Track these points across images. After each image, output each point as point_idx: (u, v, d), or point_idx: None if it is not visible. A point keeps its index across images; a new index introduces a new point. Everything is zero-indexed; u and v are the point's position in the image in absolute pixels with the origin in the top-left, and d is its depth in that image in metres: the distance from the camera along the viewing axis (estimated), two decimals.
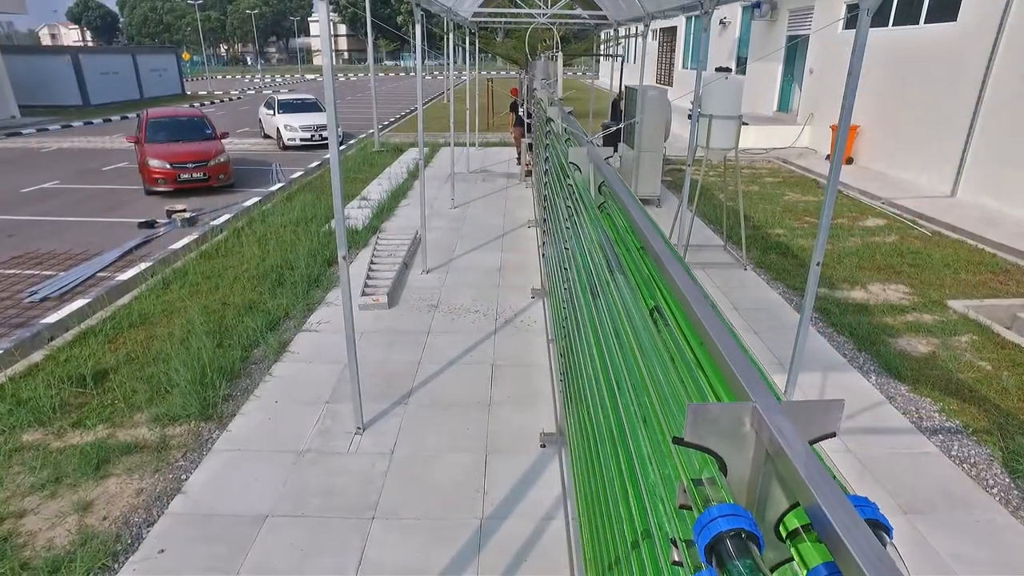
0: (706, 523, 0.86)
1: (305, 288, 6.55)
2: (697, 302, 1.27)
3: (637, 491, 1.48)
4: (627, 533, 1.63)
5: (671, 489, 1.24)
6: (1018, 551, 3.23)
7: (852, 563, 0.68)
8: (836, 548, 0.72)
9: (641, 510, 1.46)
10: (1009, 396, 4.65)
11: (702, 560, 0.88)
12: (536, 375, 4.87)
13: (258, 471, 3.85)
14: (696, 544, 0.88)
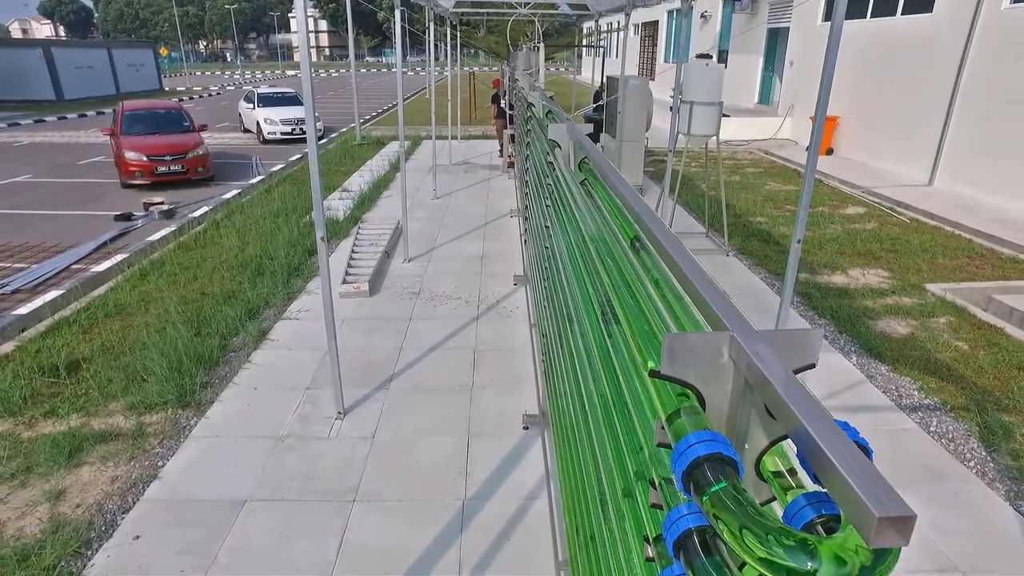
0: (684, 450, 0.84)
1: (285, 277, 6.47)
2: (667, 239, 1.24)
3: (618, 453, 1.45)
4: (611, 487, 1.61)
5: (648, 432, 1.21)
6: (993, 521, 3.27)
7: (844, 485, 0.65)
8: (824, 470, 0.69)
9: (620, 467, 1.44)
10: (985, 374, 4.71)
11: (680, 489, 0.85)
12: (518, 360, 4.84)
13: (236, 457, 3.79)
14: (674, 474, 0.86)
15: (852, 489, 0.62)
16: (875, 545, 0.60)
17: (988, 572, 2.96)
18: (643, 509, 1.18)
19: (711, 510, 0.77)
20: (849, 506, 0.63)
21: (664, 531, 0.92)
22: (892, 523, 0.60)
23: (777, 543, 0.69)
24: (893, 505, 0.59)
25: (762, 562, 0.69)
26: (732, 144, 14.60)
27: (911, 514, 0.59)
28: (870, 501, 0.60)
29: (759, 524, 0.71)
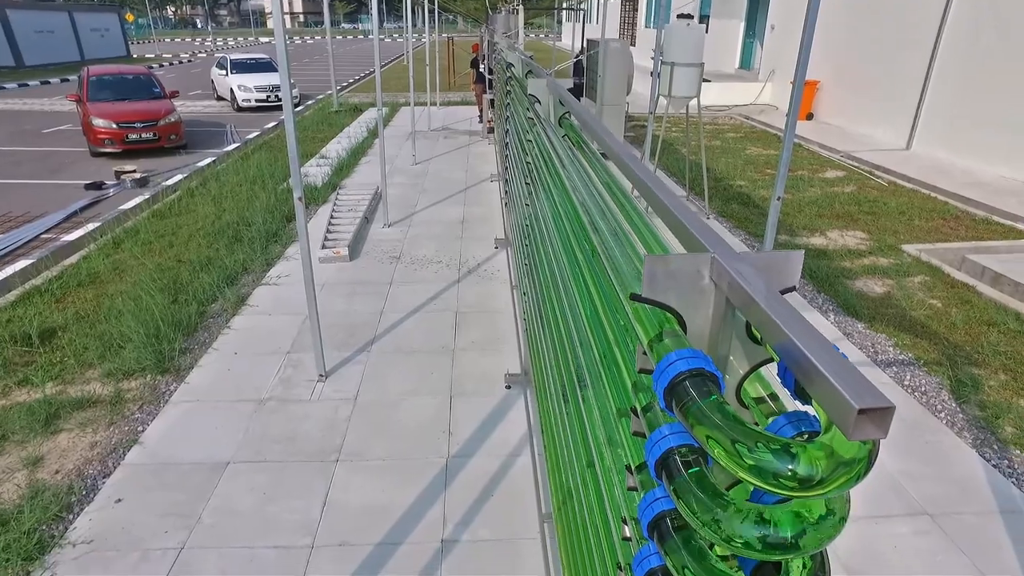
0: (665, 368, 0.84)
1: (264, 244, 6.37)
2: (648, 176, 1.23)
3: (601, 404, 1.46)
4: (592, 439, 1.62)
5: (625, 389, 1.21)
6: (960, 467, 3.37)
7: (825, 383, 0.64)
8: (807, 373, 0.69)
9: (604, 414, 1.44)
10: (957, 330, 4.81)
11: (661, 406, 0.85)
12: (500, 321, 4.84)
13: (218, 420, 3.76)
14: (656, 392, 0.86)
15: (832, 386, 0.62)
16: (855, 438, 0.60)
17: (954, 514, 3.06)
18: (625, 441, 1.19)
19: (694, 424, 0.77)
20: (830, 403, 0.63)
21: (646, 453, 0.92)
22: (871, 416, 0.61)
23: (763, 449, 0.69)
24: (871, 397, 0.59)
25: (750, 469, 0.70)
26: (713, 109, 14.56)
27: (889, 405, 0.59)
28: (850, 395, 0.60)
29: (744, 433, 0.72)
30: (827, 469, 0.67)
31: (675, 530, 0.90)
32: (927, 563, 2.80)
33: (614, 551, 1.27)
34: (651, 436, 0.91)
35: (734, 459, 0.70)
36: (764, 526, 0.73)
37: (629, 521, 1.14)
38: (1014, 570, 2.77)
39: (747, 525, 0.73)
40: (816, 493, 0.66)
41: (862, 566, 2.78)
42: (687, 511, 0.79)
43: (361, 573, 2.75)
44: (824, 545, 0.74)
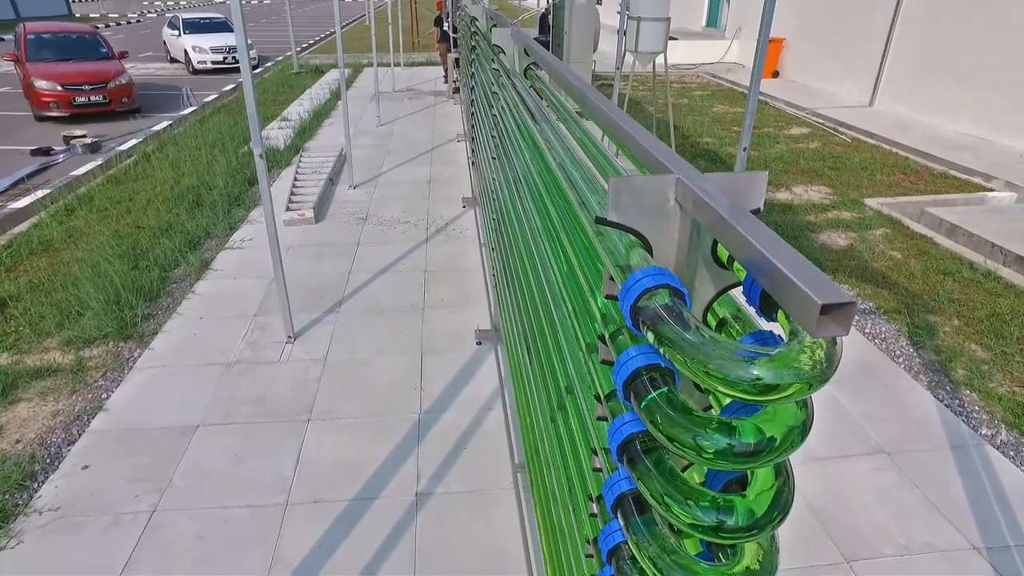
0: (631, 286, 0.83)
1: (226, 208, 6.20)
2: (609, 107, 1.21)
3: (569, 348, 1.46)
4: (561, 378, 1.62)
5: None
6: (917, 408, 3.50)
7: (789, 284, 0.64)
8: (772, 279, 0.68)
9: (575, 354, 1.45)
10: (915, 280, 4.95)
11: (628, 324, 0.85)
12: (470, 279, 4.82)
13: (185, 385, 3.70)
14: (622, 310, 0.85)
15: (797, 286, 0.62)
16: (819, 334, 0.60)
17: (909, 452, 3.19)
18: (595, 371, 1.20)
19: (661, 341, 0.77)
20: (796, 305, 0.63)
21: (614, 377, 0.92)
22: (833, 315, 0.61)
23: (729, 359, 0.70)
24: (834, 294, 0.60)
25: (718, 378, 0.70)
26: (680, 68, 14.49)
27: (850, 300, 0.59)
28: (814, 292, 0.60)
29: (711, 343, 0.72)
30: (788, 380, 0.67)
31: (644, 452, 0.91)
32: (883, 498, 2.93)
33: (585, 485, 1.29)
34: (618, 359, 0.91)
35: (701, 371, 0.71)
36: (731, 435, 0.74)
37: (599, 451, 1.15)
38: (960, 499, 2.91)
39: (714, 435, 0.74)
40: (778, 397, 0.67)
41: (823, 503, 2.89)
42: (656, 428, 0.80)
43: (336, 528, 2.76)
44: (786, 455, 0.75)
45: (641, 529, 0.94)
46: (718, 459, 0.74)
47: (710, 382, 0.69)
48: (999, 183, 7.23)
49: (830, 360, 0.67)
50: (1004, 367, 3.89)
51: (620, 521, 0.99)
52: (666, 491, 0.84)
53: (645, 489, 0.87)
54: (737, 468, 0.75)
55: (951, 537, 2.73)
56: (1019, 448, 3.25)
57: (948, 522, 2.80)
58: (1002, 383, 3.74)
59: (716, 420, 0.75)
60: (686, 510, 0.82)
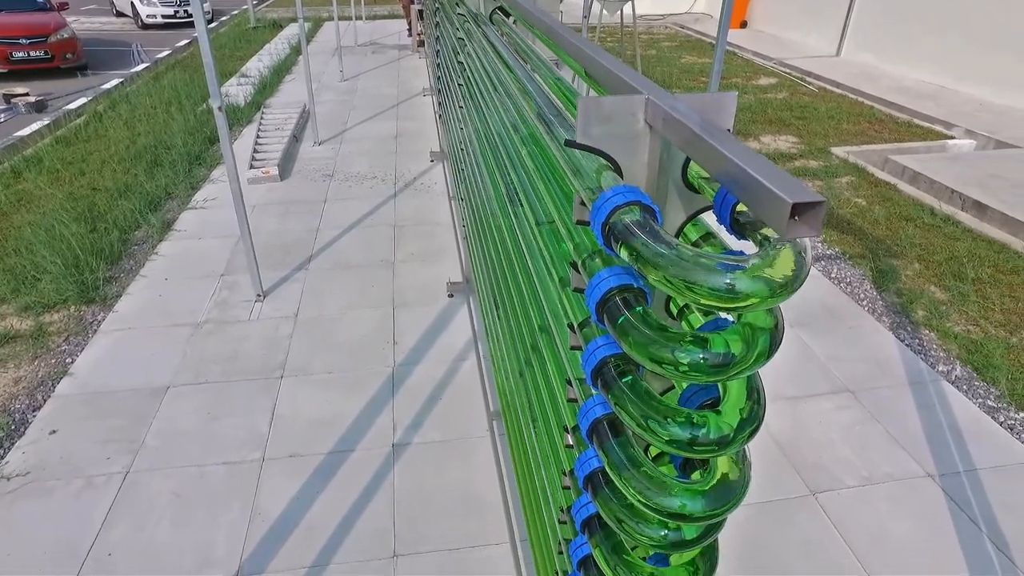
0: (601, 205, 0.82)
1: (187, 167, 6.00)
2: (572, 35, 1.18)
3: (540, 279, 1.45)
4: (535, 318, 1.62)
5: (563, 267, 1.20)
6: (879, 348, 3.62)
7: (761, 189, 0.64)
8: (750, 193, 0.68)
9: (546, 289, 1.44)
10: (879, 226, 5.05)
11: (600, 244, 0.85)
12: (440, 232, 4.78)
13: (153, 346, 3.63)
14: (593, 230, 0.85)
15: (768, 189, 0.62)
16: (790, 235, 0.61)
17: (872, 389, 3.31)
18: (567, 303, 1.20)
19: (635, 261, 0.77)
20: (768, 209, 0.63)
21: (587, 300, 0.92)
22: (804, 217, 0.61)
23: (704, 268, 0.69)
24: (804, 194, 0.60)
25: (693, 288, 0.70)
26: (648, 19, 14.30)
27: (819, 199, 0.59)
28: (784, 193, 0.60)
29: (687, 256, 0.71)
30: (760, 287, 0.68)
31: (619, 375, 0.92)
32: (847, 433, 3.04)
33: (560, 416, 1.31)
34: (590, 282, 0.90)
35: (675, 281, 0.71)
36: (705, 347, 0.74)
37: (573, 382, 1.16)
38: (917, 431, 3.04)
39: (689, 347, 0.74)
40: (747, 304, 0.67)
41: (790, 440, 2.99)
42: (631, 347, 0.80)
43: (314, 481, 2.77)
44: (756, 366, 0.76)
45: (616, 452, 0.95)
46: (693, 372, 0.75)
47: (685, 292, 0.69)
48: (959, 131, 7.36)
49: (799, 268, 0.67)
50: (960, 307, 4.02)
51: (595, 447, 1.00)
52: (642, 411, 0.85)
53: (621, 411, 0.88)
54: (712, 380, 0.75)
55: (908, 466, 2.86)
56: (971, 382, 3.39)
57: (906, 452, 2.92)
58: (958, 322, 3.88)
59: (690, 334, 0.75)
60: (663, 428, 0.83)
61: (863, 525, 2.59)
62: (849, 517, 2.62)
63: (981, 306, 4.03)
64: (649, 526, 0.98)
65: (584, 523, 1.15)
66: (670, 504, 0.88)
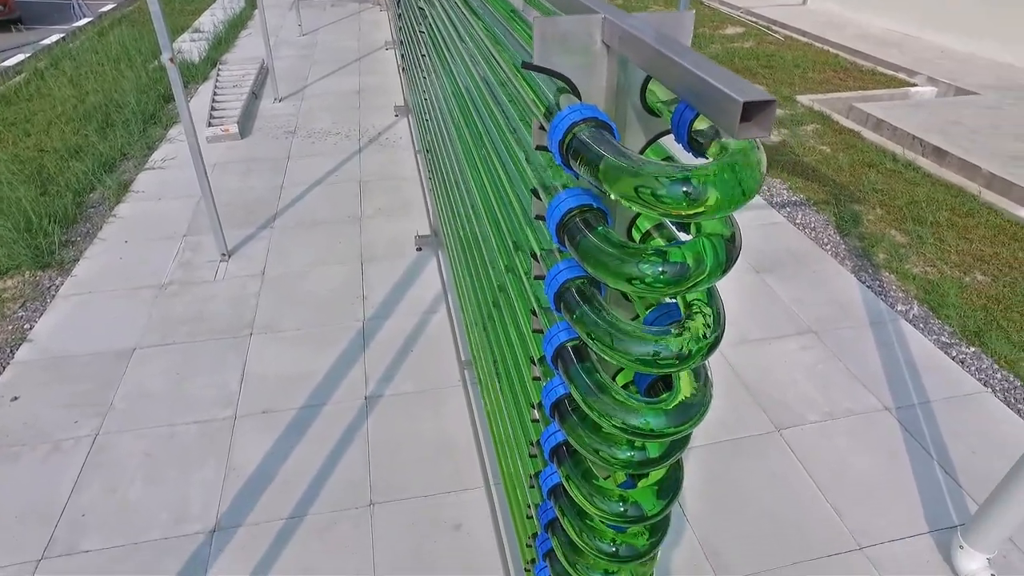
0: (558, 123, 0.82)
1: (141, 127, 5.78)
2: None
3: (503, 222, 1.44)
4: (500, 258, 1.62)
5: None
6: (842, 291, 3.71)
7: (714, 91, 0.63)
8: (704, 98, 0.67)
9: (511, 222, 1.44)
10: (843, 172, 5.12)
11: (559, 162, 0.84)
12: (406, 187, 4.72)
13: (116, 309, 3.55)
14: (551, 148, 0.84)
15: (721, 91, 0.62)
16: (741, 136, 0.61)
17: (835, 329, 3.40)
18: (528, 232, 1.19)
19: (592, 174, 0.76)
20: (721, 111, 0.62)
21: (548, 222, 0.92)
22: (756, 120, 0.61)
23: (661, 177, 0.69)
24: (755, 93, 0.60)
25: (653, 196, 0.70)
26: None
27: (770, 99, 0.59)
28: (735, 93, 0.60)
29: (643, 164, 0.71)
30: (715, 195, 0.68)
31: (582, 299, 0.92)
32: (810, 372, 3.13)
33: (527, 349, 1.32)
34: (550, 204, 0.90)
35: (631, 189, 0.70)
36: (665, 260, 0.75)
37: (539, 312, 1.16)
38: (876, 368, 3.15)
39: (651, 258, 0.75)
40: (702, 210, 0.68)
41: (756, 380, 3.08)
42: (594, 265, 0.80)
43: (288, 436, 2.77)
44: (714, 278, 0.77)
45: (581, 376, 0.97)
46: (656, 285, 0.75)
47: (640, 200, 0.69)
48: (922, 78, 7.44)
49: (752, 171, 0.68)
50: (919, 250, 4.13)
51: (561, 373, 1.02)
52: (605, 331, 0.86)
53: (585, 333, 0.89)
54: (673, 292, 0.76)
55: (867, 401, 2.97)
56: (927, 321, 3.51)
57: (866, 389, 3.03)
58: (916, 264, 3.99)
59: (651, 248, 0.76)
60: (626, 346, 0.84)
61: (825, 457, 2.69)
62: (812, 450, 2.72)
63: (938, 248, 4.14)
64: (617, 447, 1.01)
65: (552, 451, 1.17)
66: (635, 422, 0.90)
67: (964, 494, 2.55)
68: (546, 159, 1.06)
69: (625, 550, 1.18)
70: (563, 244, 0.89)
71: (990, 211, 4.55)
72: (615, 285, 0.79)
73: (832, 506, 2.50)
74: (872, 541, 2.38)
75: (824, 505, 2.50)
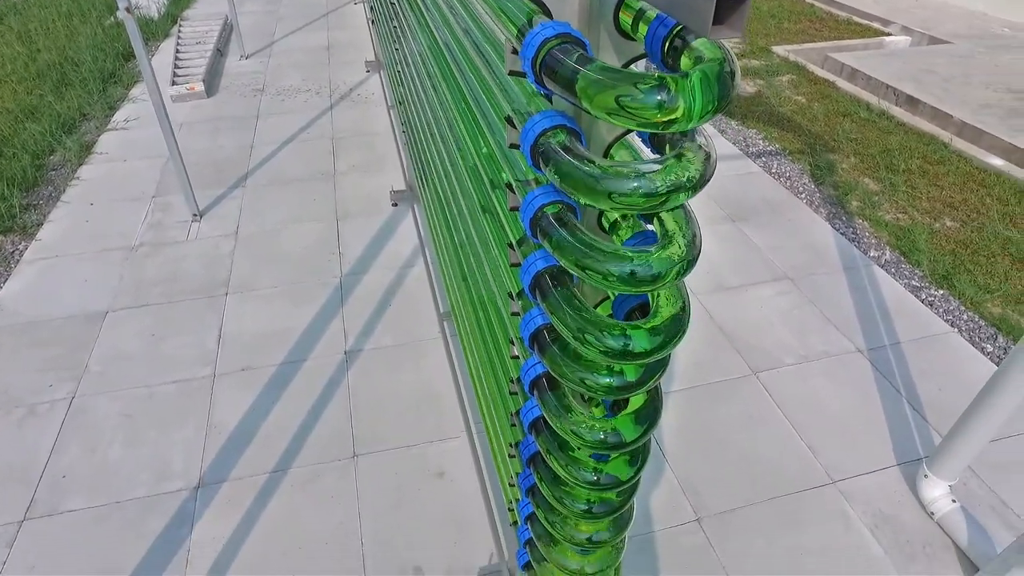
0: (531, 40, 0.80)
1: (100, 86, 5.57)
2: None
3: None
4: (476, 195, 1.60)
5: None
6: (817, 238, 3.76)
7: (699, 5, 0.62)
8: (680, 6, 0.66)
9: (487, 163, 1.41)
10: (818, 122, 5.14)
11: (532, 81, 0.82)
12: (380, 143, 4.63)
13: (85, 272, 3.47)
14: (524, 66, 0.82)
15: None
16: (713, 37, 0.60)
17: (810, 275, 3.46)
18: (504, 161, 1.18)
19: (566, 90, 0.75)
20: (691, 13, 0.61)
21: (522, 144, 0.91)
22: (728, 23, 0.60)
23: (636, 85, 0.68)
24: None
25: (625, 105, 0.69)
26: None
27: None
28: None
29: (613, 73, 0.70)
30: (688, 101, 0.67)
31: (558, 222, 0.92)
32: (786, 317, 3.19)
33: (504, 283, 1.31)
34: (524, 128, 0.89)
35: (606, 102, 0.69)
36: (641, 178, 0.74)
37: (515, 246, 1.16)
38: (850, 312, 3.22)
39: (624, 180, 0.74)
40: (675, 116, 0.67)
41: (733, 326, 3.12)
42: (568, 184, 0.80)
43: (269, 392, 2.77)
44: (691, 193, 0.77)
45: (559, 301, 0.97)
46: (631, 197, 0.75)
47: (614, 111, 0.68)
48: (896, 27, 7.43)
49: (723, 82, 0.67)
50: (891, 197, 4.18)
51: (539, 301, 1.01)
52: (582, 252, 0.86)
53: (560, 255, 0.89)
54: (648, 209, 0.76)
55: (841, 343, 3.03)
56: (898, 265, 3.58)
57: (839, 332, 3.10)
58: (888, 211, 4.04)
59: (627, 166, 0.75)
60: (604, 265, 0.83)
61: (800, 398, 2.76)
62: (787, 392, 2.79)
63: (909, 195, 4.19)
64: (596, 373, 1.01)
65: (533, 384, 1.18)
66: (615, 344, 0.91)
67: (930, 429, 2.64)
68: (520, 87, 1.03)
69: (607, 479, 1.20)
70: (538, 167, 0.88)
71: (960, 158, 4.61)
72: (592, 203, 0.78)
73: (807, 444, 2.57)
74: (844, 475, 2.46)
75: (799, 443, 2.57)
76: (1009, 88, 5.65)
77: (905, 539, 2.26)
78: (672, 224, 0.88)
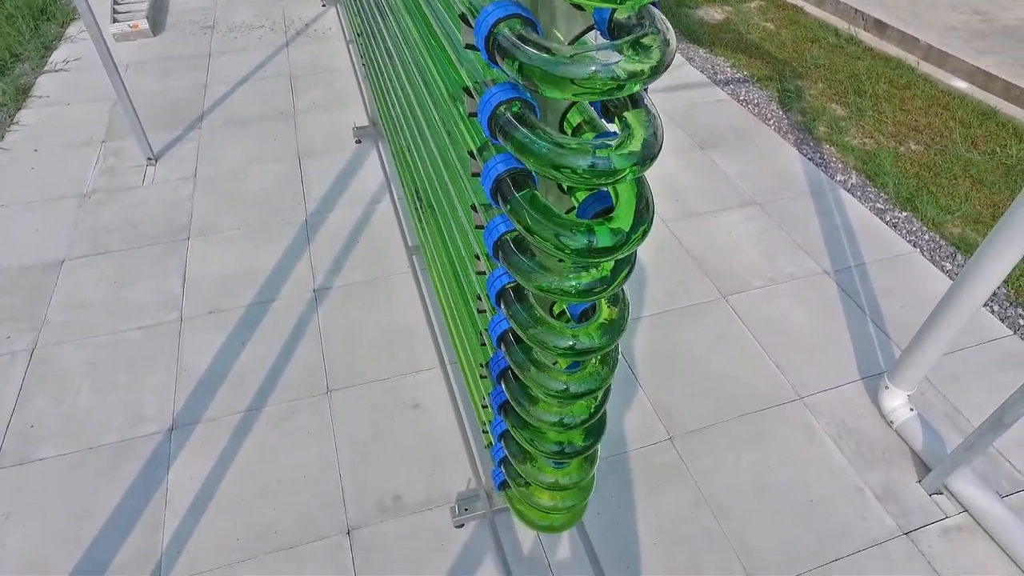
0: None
1: (31, 23, 5.22)
2: None
3: None
4: (439, 154, 1.55)
5: None
6: (785, 164, 3.77)
7: None
8: None
9: None
10: (786, 48, 5.08)
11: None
12: (340, 79, 4.46)
13: (35, 222, 3.34)
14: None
15: None
16: None
17: (776, 201, 3.48)
18: (476, 66, 1.13)
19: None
20: None
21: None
22: None
23: None
24: None
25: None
26: None
27: None
28: None
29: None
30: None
31: (520, 121, 0.89)
32: (754, 241, 3.22)
33: (466, 196, 1.28)
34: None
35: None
36: (599, 64, 0.72)
37: (476, 154, 1.12)
38: (816, 235, 3.26)
39: (584, 65, 0.72)
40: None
41: (702, 252, 3.14)
42: (532, 77, 0.77)
43: (239, 333, 2.73)
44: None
45: (520, 203, 0.95)
46: (591, 80, 0.73)
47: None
48: None
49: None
50: (858, 122, 4.18)
51: (501, 205, 0.99)
52: (545, 146, 0.83)
53: (521, 153, 0.86)
54: (607, 94, 0.74)
55: (808, 266, 3.08)
56: (864, 189, 3.61)
57: (806, 254, 3.14)
58: (855, 136, 4.05)
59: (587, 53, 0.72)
60: (569, 161, 0.82)
61: (768, 319, 2.81)
62: (756, 313, 2.84)
63: (876, 120, 4.20)
64: (562, 278, 1.00)
65: (499, 295, 1.17)
66: (578, 243, 0.89)
67: (892, 344, 2.72)
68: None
69: (576, 386, 1.21)
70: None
71: (926, 82, 4.61)
72: (556, 89, 0.76)
73: (775, 363, 2.63)
74: (811, 391, 2.54)
75: (767, 362, 2.64)
76: (975, 10, 5.62)
77: (867, 447, 2.35)
78: (633, 120, 0.87)
